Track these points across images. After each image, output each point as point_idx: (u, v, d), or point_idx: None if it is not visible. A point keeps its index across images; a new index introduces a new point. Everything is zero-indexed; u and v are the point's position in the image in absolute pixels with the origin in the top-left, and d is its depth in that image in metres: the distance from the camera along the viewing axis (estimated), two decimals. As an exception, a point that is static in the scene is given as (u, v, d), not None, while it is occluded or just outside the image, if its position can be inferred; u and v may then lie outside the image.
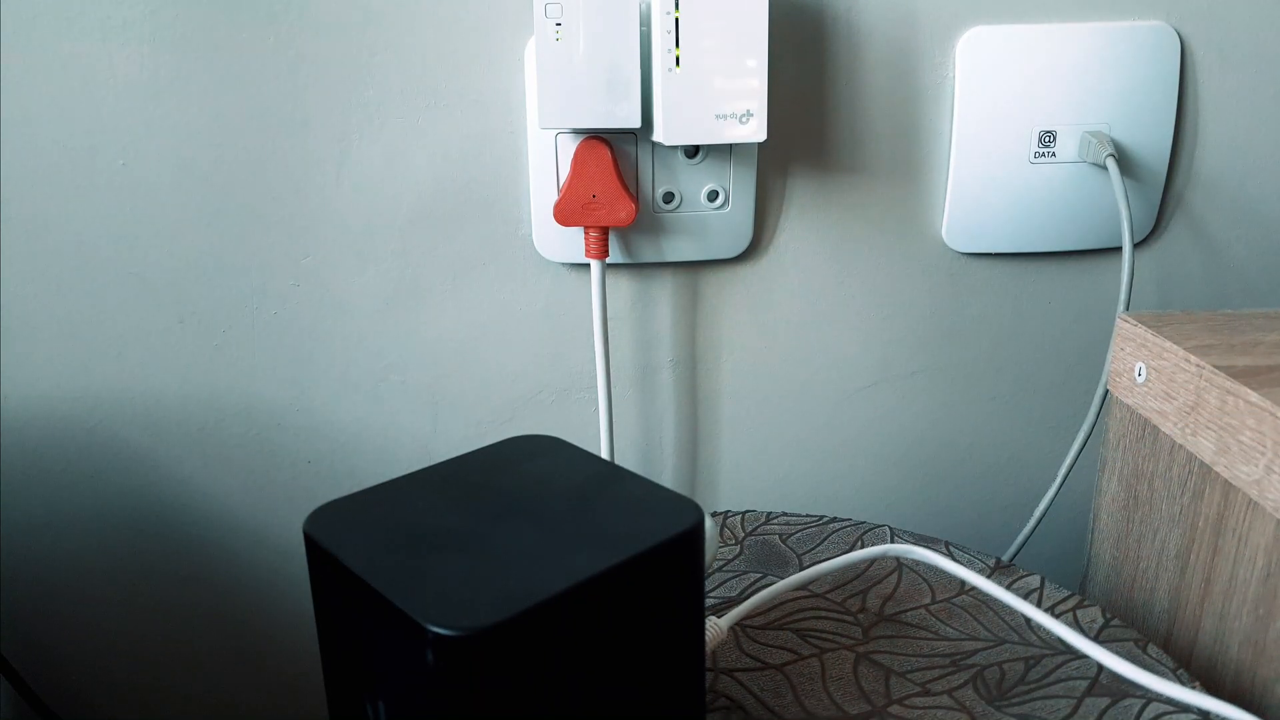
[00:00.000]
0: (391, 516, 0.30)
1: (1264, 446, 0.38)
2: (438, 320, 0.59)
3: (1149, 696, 0.38)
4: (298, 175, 0.56)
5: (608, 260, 0.57)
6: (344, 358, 0.60)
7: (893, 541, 0.49)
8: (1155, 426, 0.47)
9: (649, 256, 0.58)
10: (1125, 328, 0.49)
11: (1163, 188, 0.59)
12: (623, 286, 0.60)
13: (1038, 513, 0.60)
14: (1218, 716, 0.37)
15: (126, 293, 0.57)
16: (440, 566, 0.27)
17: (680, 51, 0.49)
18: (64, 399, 0.59)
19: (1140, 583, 0.50)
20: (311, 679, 0.68)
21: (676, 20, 0.49)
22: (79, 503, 0.62)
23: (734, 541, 0.50)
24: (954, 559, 0.48)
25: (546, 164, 0.55)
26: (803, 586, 0.46)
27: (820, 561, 0.48)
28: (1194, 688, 0.39)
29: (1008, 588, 0.46)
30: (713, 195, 0.57)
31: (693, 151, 0.56)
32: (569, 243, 0.57)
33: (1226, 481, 0.42)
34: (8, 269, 0.56)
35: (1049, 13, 0.56)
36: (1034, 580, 0.46)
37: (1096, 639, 0.42)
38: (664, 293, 0.60)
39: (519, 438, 0.35)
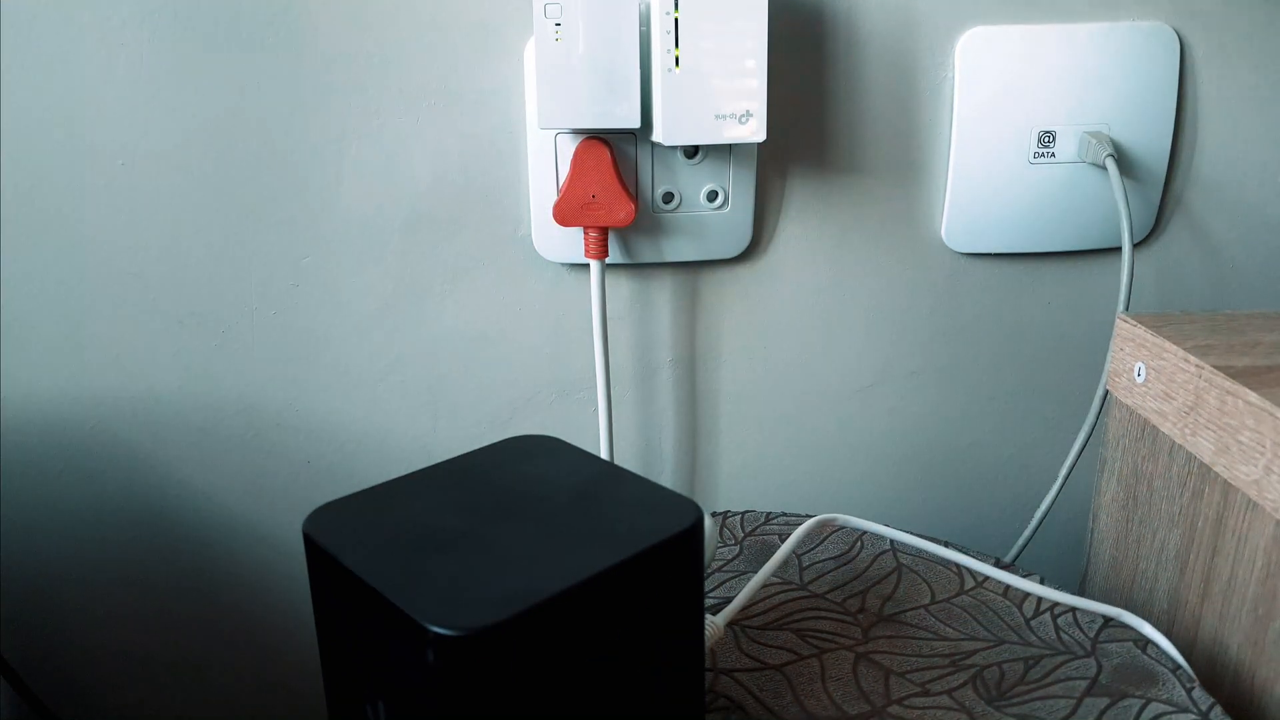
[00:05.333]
0: (391, 517, 0.30)
1: (1263, 446, 0.38)
2: (438, 320, 0.59)
3: (1149, 696, 0.38)
4: (297, 175, 0.56)
5: (607, 260, 0.57)
6: (344, 358, 0.60)
7: (893, 545, 0.49)
8: (1155, 426, 0.47)
9: (649, 256, 0.58)
10: (1125, 328, 0.49)
11: (1162, 188, 0.59)
12: (622, 286, 0.60)
13: (1039, 514, 0.60)
14: (1218, 717, 0.37)
15: (126, 293, 0.57)
16: (440, 566, 0.27)
17: (680, 51, 0.49)
18: (64, 399, 0.59)
19: (1140, 583, 0.50)
20: (311, 679, 0.68)
21: (676, 20, 0.49)
22: (79, 503, 0.62)
23: (734, 541, 0.50)
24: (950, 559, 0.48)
25: (546, 164, 0.55)
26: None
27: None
28: (1193, 688, 0.39)
29: (1006, 590, 0.46)
30: (712, 195, 0.57)
31: (692, 151, 0.56)
32: (569, 243, 0.57)
33: (1226, 481, 0.42)
34: (8, 269, 0.56)
35: (1049, 13, 0.56)
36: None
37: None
38: (664, 293, 0.60)
39: (519, 438, 0.35)
